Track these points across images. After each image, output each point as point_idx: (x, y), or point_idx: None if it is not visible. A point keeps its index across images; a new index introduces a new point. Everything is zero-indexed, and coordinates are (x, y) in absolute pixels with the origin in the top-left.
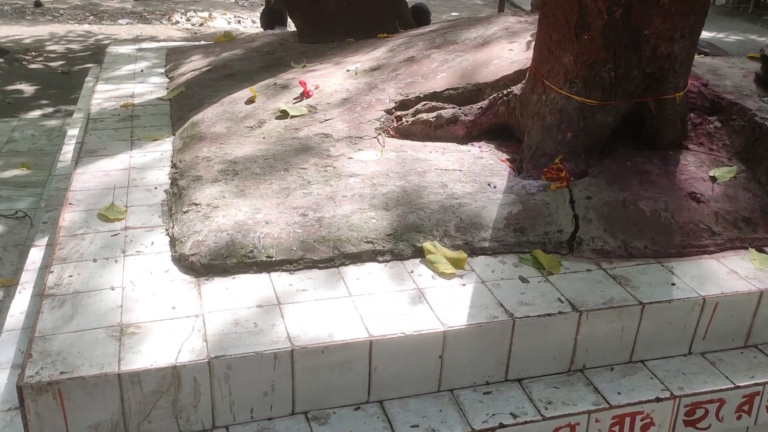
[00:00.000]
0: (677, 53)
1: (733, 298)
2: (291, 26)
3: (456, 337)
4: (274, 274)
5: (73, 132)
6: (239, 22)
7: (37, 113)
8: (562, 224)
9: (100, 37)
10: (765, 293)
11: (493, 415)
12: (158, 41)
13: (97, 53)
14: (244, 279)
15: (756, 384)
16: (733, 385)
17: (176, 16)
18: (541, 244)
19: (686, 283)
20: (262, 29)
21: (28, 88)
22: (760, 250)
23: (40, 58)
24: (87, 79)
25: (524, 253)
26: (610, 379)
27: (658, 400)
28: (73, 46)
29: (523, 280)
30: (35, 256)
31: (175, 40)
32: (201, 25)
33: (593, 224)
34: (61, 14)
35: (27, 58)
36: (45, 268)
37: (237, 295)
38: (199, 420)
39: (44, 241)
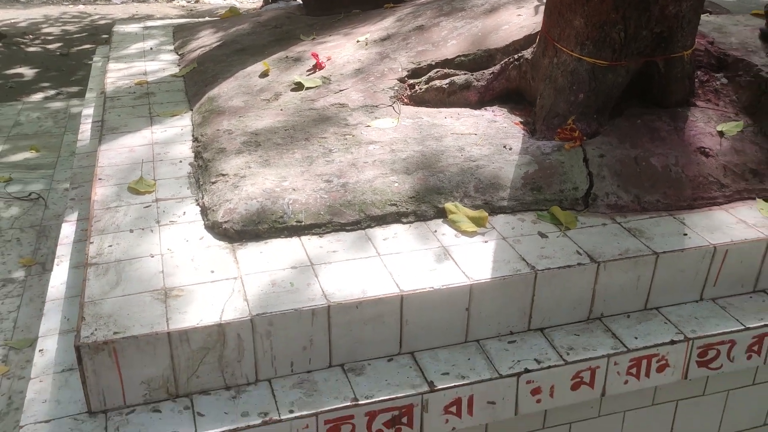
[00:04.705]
0: (685, 12)
1: (742, 245)
2: None
3: (481, 289)
4: (304, 238)
5: (89, 111)
6: None
7: (39, 96)
8: (577, 182)
9: (96, 17)
10: None
11: (519, 361)
12: (155, 20)
13: (93, 34)
14: (276, 243)
15: (765, 325)
16: (743, 327)
17: None
18: (557, 202)
19: (697, 233)
20: (263, 2)
21: (28, 72)
22: (767, 200)
23: (37, 41)
24: (95, 59)
25: (542, 211)
26: (627, 325)
27: (672, 342)
28: (68, 27)
29: (542, 235)
30: (67, 230)
31: (171, 19)
32: (197, 1)
33: (607, 181)
34: None
35: (24, 41)
36: (79, 241)
37: (271, 258)
38: (244, 374)
39: (74, 216)
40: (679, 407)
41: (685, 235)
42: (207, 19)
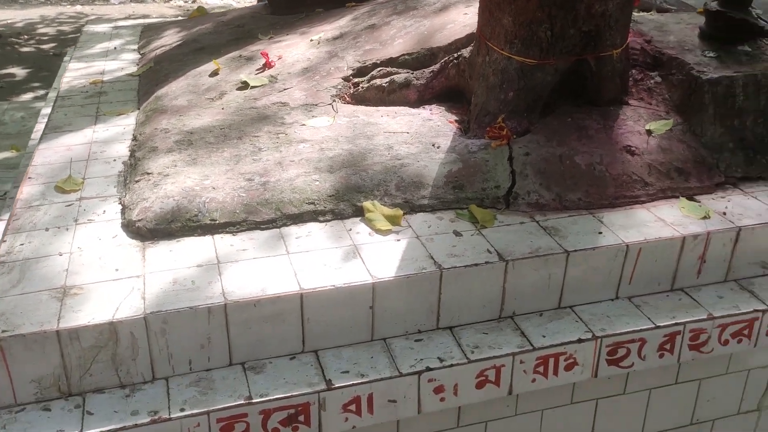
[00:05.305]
0: (611, 11)
1: (656, 243)
2: None
3: (385, 288)
4: (217, 236)
5: (47, 111)
6: None
7: (28, 96)
8: (500, 180)
9: (92, 17)
10: (687, 239)
11: (421, 359)
12: (135, 19)
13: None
14: (188, 242)
15: (676, 324)
16: (653, 326)
17: None
18: (478, 200)
19: (613, 231)
20: (256, 1)
21: (20, 72)
22: (691, 198)
23: (32, 42)
24: (65, 59)
25: (462, 209)
26: (537, 323)
27: (580, 341)
28: (64, 28)
29: (457, 233)
30: None
31: (165, 18)
32: (194, 1)
33: (529, 179)
34: None
35: (19, 41)
36: None
37: (179, 257)
38: (139, 373)
39: (7, 215)
40: (599, 406)
41: (600, 233)
42: (178, 18)
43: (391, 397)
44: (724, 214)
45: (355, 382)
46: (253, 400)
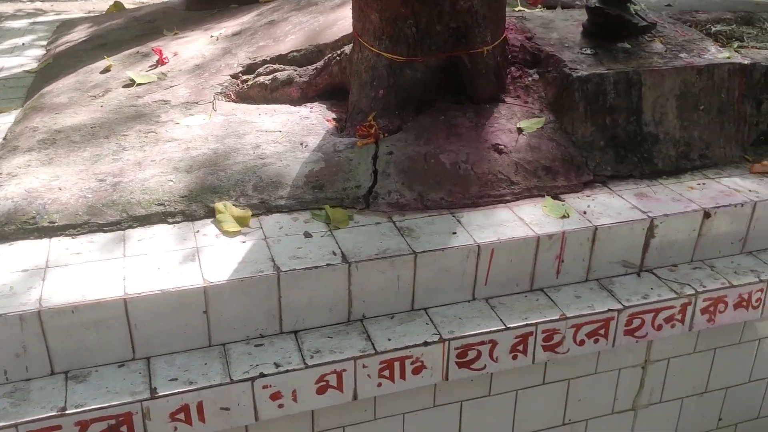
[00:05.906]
0: (477, 8)
1: (509, 243)
2: None
3: (218, 292)
4: (55, 240)
5: None
6: None
7: None
8: (361, 180)
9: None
10: (542, 238)
11: (257, 365)
12: (53, 15)
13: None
14: (21, 245)
15: (528, 325)
16: (503, 327)
17: None
18: (338, 200)
19: (468, 231)
20: None
21: None
22: (556, 197)
23: None
24: None
25: (319, 210)
26: (386, 326)
27: (426, 344)
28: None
29: (308, 235)
30: None
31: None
32: None
33: (392, 178)
34: None
35: None
36: None
37: (6, 261)
38: None
39: None
40: (464, 408)
41: (454, 233)
42: (93, 15)
43: (223, 404)
44: (585, 213)
45: (182, 389)
46: (67, 411)
